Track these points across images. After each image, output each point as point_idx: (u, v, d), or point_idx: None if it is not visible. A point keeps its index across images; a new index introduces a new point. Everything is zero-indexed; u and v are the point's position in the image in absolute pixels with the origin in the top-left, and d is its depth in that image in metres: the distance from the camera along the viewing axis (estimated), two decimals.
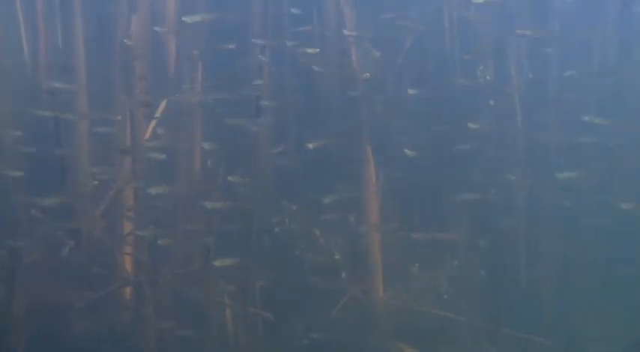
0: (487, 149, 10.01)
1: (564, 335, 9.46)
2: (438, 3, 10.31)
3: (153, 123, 9.40)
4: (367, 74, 9.79)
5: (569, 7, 10.34)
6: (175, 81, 9.69)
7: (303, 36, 10.06)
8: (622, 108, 10.59)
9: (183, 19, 9.24)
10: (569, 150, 10.16)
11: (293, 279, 9.70)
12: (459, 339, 9.47)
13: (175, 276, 9.27)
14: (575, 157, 10.18)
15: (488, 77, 10.22)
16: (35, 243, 9.13)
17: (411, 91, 9.99)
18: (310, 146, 9.56)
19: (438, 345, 9.37)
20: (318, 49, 9.69)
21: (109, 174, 9.37)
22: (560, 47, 10.18)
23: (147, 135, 9.34)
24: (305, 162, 10.15)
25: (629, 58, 10.72)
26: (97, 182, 9.36)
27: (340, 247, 9.99)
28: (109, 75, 9.52)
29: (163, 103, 9.47)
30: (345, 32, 9.87)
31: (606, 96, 10.53)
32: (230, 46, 9.43)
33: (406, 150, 9.69)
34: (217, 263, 8.96)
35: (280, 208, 9.95)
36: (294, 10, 9.87)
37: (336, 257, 9.98)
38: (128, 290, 9.39)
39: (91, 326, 9.05)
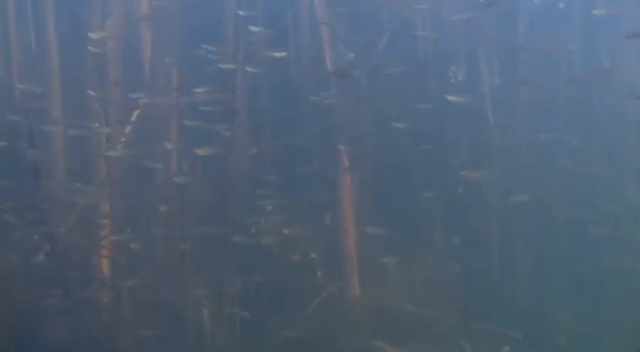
0: (457, 150, 10.22)
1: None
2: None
3: (127, 127, 9.42)
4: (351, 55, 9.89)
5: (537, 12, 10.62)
6: (150, 85, 9.71)
7: (277, 37, 10.18)
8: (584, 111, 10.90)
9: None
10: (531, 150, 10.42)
11: (269, 278, 9.78)
12: (434, 335, 9.62)
13: (152, 278, 9.30)
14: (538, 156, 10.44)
15: (460, 78, 10.44)
16: (9, 247, 9.10)
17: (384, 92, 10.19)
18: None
19: (413, 341, 9.52)
20: (285, 53, 9.74)
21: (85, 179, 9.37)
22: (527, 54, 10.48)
23: (121, 139, 9.36)
24: (279, 163, 10.25)
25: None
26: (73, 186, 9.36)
27: (316, 246, 10.10)
28: (83, 79, 9.51)
29: (137, 110, 9.50)
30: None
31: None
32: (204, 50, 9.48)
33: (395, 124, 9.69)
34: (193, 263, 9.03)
35: (255, 208, 10.03)
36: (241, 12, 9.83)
37: (312, 256, 10.09)
38: (105, 293, 9.39)
39: (67, 329, 9.04)
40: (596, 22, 11.07)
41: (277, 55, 9.54)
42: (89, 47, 9.39)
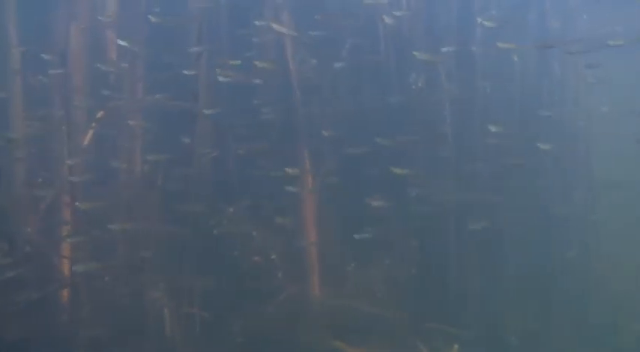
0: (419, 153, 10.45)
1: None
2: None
3: (91, 131, 9.49)
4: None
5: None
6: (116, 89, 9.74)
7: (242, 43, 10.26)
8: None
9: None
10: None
11: (230, 279, 9.91)
12: (392, 335, 9.86)
13: (113, 278, 9.39)
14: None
15: (420, 84, 10.65)
16: None
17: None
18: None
19: (371, 341, 9.73)
20: (239, 61, 9.82)
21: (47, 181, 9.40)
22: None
23: (85, 143, 9.42)
24: (242, 166, 10.37)
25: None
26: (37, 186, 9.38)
27: (277, 248, 10.26)
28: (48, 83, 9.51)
29: (101, 112, 9.55)
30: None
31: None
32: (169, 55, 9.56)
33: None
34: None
35: (218, 211, 10.15)
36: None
37: (273, 257, 10.25)
38: (65, 292, 9.45)
39: (26, 328, 9.08)
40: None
41: (232, 63, 9.65)
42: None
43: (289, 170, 9.72)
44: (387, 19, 10.08)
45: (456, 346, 9.62)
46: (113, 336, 9.07)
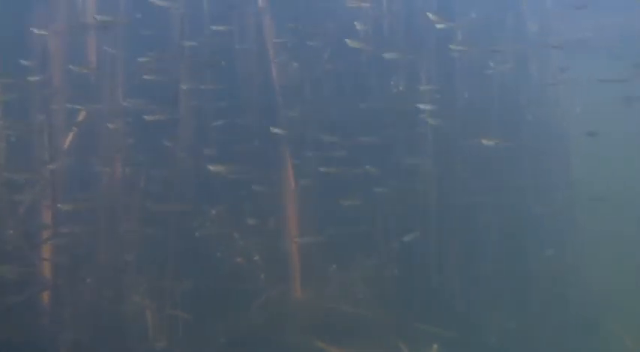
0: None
1: None
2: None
3: (71, 134, 9.48)
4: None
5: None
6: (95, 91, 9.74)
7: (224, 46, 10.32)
8: None
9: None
10: None
11: (212, 281, 9.93)
12: (371, 335, 9.94)
13: (95, 281, 9.37)
14: None
15: (400, 88, 10.79)
16: None
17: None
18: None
19: (352, 341, 9.82)
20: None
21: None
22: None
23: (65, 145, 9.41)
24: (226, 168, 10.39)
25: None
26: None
27: (259, 249, 10.29)
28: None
29: (82, 113, 9.55)
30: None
31: None
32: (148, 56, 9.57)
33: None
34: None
35: (201, 212, 10.17)
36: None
37: (255, 258, 10.29)
38: (46, 295, 9.40)
39: (6, 331, 9.03)
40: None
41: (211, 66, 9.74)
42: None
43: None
44: (359, 26, 10.21)
45: (435, 346, 9.71)
46: (95, 339, 9.04)
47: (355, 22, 10.22)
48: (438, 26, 10.13)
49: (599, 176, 12.79)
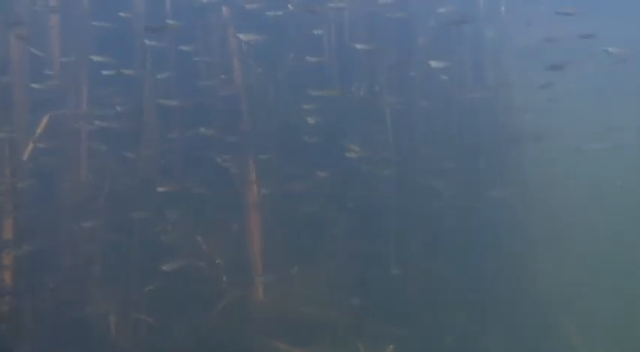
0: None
1: None
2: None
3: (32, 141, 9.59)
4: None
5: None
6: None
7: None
8: None
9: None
10: None
11: (177, 284, 10.05)
12: (333, 336, 10.15)
13: (59, 286, 9.49)
14: None
15: (362, 93, 10.99)
16: None
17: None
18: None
19: (313, 342, 10.01)
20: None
21: None
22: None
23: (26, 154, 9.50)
24: (186, 172, 10.54)
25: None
26: None
27: (222, 253, 10.45)
28: None
29: (44, 121, 9.64)
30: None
31: None
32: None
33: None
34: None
35: (164, 216, 10.31)
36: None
37: (217, 262, 10.46)
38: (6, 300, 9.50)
39: None
40: None
41: (160, 76, 9.85)
42: None
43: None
44: (316, 32, 10.40)
45: (391, 346, 9.95)
46: (57, 344, 9.16)
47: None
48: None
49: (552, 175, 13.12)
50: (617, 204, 13.17)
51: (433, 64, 10.21)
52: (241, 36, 10.09)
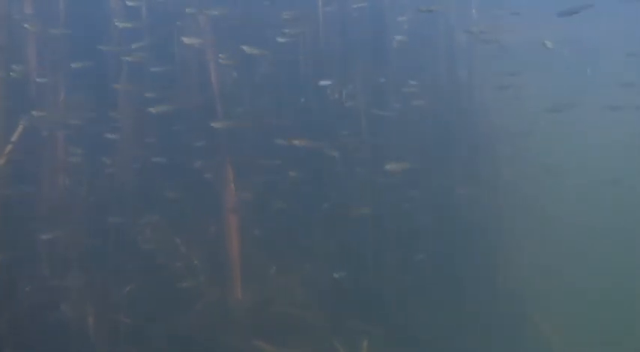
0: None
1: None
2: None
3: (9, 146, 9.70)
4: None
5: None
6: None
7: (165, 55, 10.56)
8: None
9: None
10: None
11: (155, 285, 10.18)
12: (310, 334, 10.29)
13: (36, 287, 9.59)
14: None
15: (337, 96, 11.14)
16: None
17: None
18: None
19: (291, 340, 10.14)
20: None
21: None
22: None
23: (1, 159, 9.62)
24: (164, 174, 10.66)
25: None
26: None
27: (200, 254, 10.57)
28: None
29: (20, 127, 9.76)
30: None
31: None
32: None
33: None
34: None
35: (142, 218, 10.42)
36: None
37: (195, 262, 10.56)
38: None
39: None
40: None
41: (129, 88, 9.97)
42: None
43: None
44: (281, 39, 10.54)
45: (365, 343, 10.07)
46: (35, 343, 9.24)
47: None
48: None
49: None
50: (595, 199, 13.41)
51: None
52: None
